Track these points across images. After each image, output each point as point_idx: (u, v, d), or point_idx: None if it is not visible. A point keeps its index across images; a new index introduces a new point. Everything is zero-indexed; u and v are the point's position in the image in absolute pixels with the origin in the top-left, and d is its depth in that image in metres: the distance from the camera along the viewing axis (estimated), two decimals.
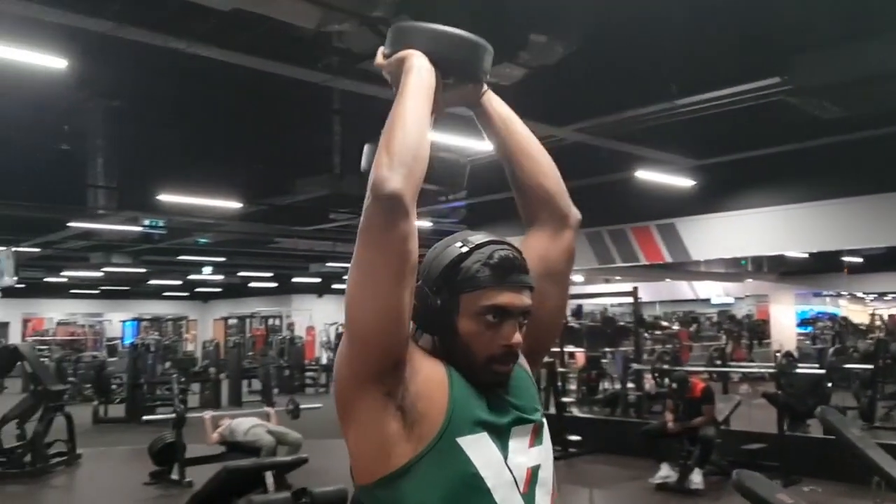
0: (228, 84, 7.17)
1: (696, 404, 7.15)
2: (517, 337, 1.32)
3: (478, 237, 1.36)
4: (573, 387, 12.04)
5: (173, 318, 25.27)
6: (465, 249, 1.33)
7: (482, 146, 7.48)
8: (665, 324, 16.16)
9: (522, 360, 1.43)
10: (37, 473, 8.18)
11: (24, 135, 8.63)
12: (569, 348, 13.62)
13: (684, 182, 8.22)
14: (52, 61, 4.59)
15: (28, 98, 7.34)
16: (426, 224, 12.29)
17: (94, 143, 9.28)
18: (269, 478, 4.42)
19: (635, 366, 9.85)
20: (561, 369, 10.03)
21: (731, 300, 20.77)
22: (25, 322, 25.75)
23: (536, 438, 1.36)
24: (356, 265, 1.25)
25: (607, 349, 12.22)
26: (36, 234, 12.62)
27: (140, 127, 9.09)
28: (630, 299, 11.98)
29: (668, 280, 16.48)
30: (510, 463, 1.29)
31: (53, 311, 26.36)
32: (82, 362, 15.13)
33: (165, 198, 9.05)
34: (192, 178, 8.67)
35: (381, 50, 1.46)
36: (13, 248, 12.66)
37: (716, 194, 8.40)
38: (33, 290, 22.98)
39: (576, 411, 10.69)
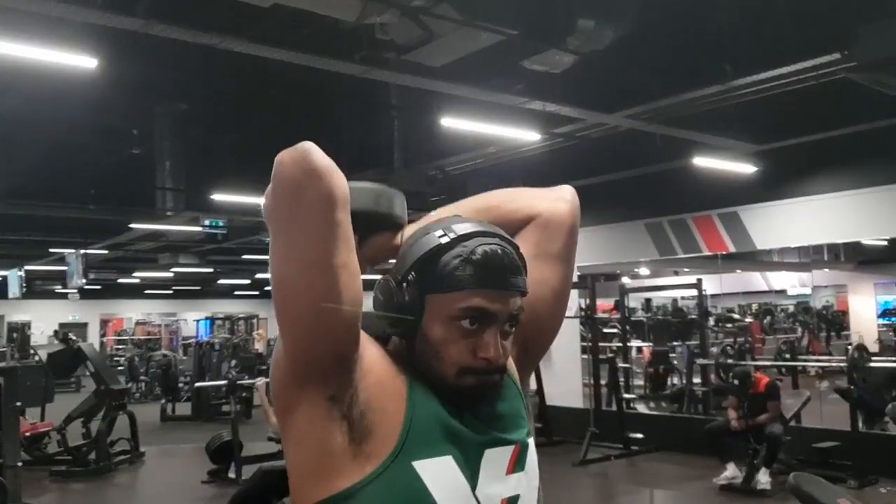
0: (285, 84, 7.22)
1: (761, 400, 6.81)
2: (499, 349, 1.10)
3: (464, 226, 1.13)
4: (640, 382, 11.75)
5: (245, 316, 25.73)
6: (445, 240, 1.11)
7: (529, 137, 7.31)
8: (736, 316, 15.57)
9: (511, 368, 1.23)
10: (100, 471, 8.37)
11: (94, 139, 8.89)
12: (635, 342, 13.32)
13: (746, 168, 7.85)
14: (82, 61, 4.60)
15: (98, 104, 7.56)
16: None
17: (161, 146, 9.46)
18: None
19: (699, 360, 9.51)
20: (623, 364, 9.75)
21: (808, 291, 19.96)
22: (104, 322, 26.68)
23: (518, 463, 1.15)
24: (275, 253, 1.05)
25: (675, 343, 11.82)
26: (104, 237, 13.00)
27: (204, 129, 9.27)
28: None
29: (738, 271, 15.89)
30: (480, 493, 1.09)
31: (131, 312, 27.25)
32: (153, 361, 15.50)
33: (220, 198, 9.16)
34: (250, 178, 8.75)
35: None
36: (82, 251, 13.06)
37: (780, 180, 8.00)
38: (109, 291, 23.84)
39: (642, 408, 10.41)
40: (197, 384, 12.16)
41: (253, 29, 5.36)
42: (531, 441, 1.19)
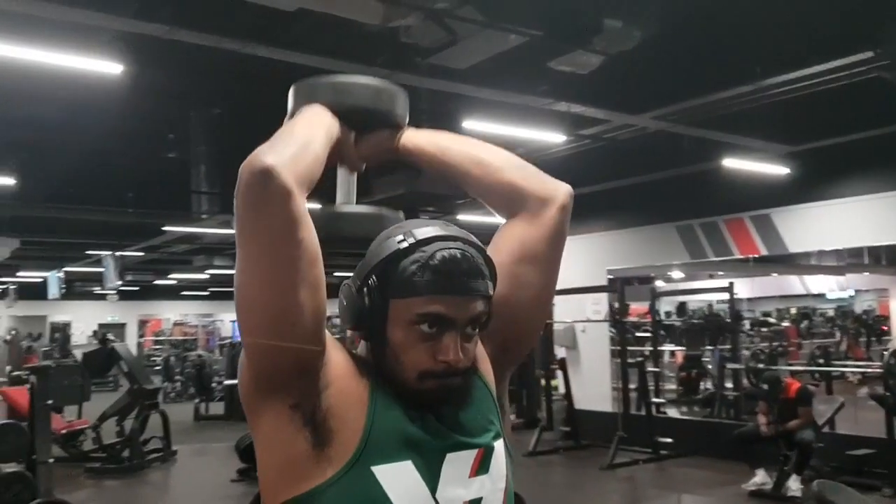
0: None
1: (792, 406, 6.69)
2: (456, 353, 1.09)
3: (425, 230, 1.13)
4: (671, 386, 11.63)
5: None
6: (404, 245, 1.11)
7: (554, 139, 7.27)
8: (772, 320, 15.34)
9: (484, 366, 1.23)
10: (133, 469, 8.52)
11: (131, 144, 9.06)
12: (668, 346, 13.17)
13: (778, 170, 7.73)
14: (108, 67, 4.70)
15: (135, 110, 7.72)
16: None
17: (196, 151, 9.60)
18: None
19: (730, 365, 9.38)
20: (653, 368, 9.65)
21: (847, 295, 19.57)
22: (142, 323, 27.15)
23: (481, 466, 1.14)
24: (238, 263, 1.07)
25: (708, 347, 11.66)
26: (139, 239, 13.23)
27: (238, 133, 9.37)
28: (736, 294, 11.48)
29: (774, 275, 15.66)
30: (440, 496, 1.09)
31: (168, 313, 27.67)
32: (188, 361, 15.73)
33: None
34: None
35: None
36: (117, 253, 13.30)
37: (814, 182, 7.85)
38: (147, 292, 24.26)
39: (674, 412, 10.30)
40: (227, 382, 12.31)
41: (277, 33, 5.42)
42: (498, 444, 1.18)
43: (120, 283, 13.36)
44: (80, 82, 5.78)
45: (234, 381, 12.11)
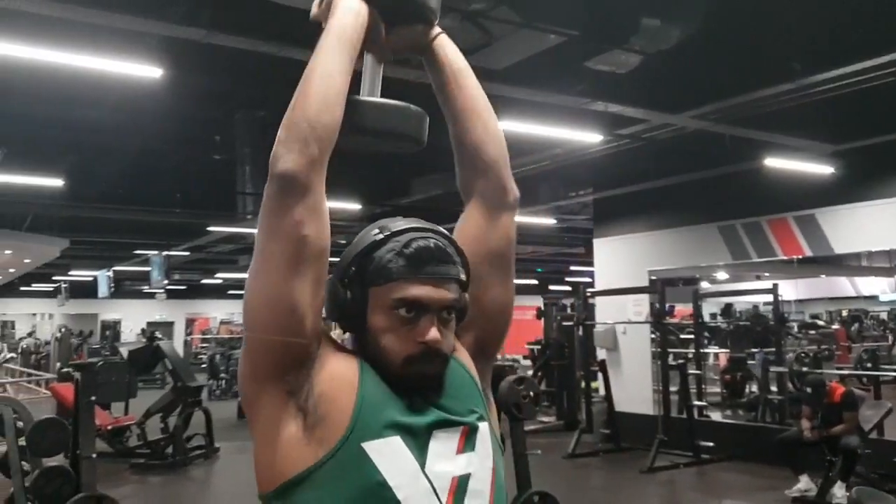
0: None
1: (836, 411, 6.53)
2: (434, 333, 1.16)
3: (398, 223, 1.22)
4: (715, 389, 11.45)
5: (324, 315, 26.28)
6: (379, 237, 1.20)
7: (590, 139, 7.22)
8: (821, 323, 14.99)
9: (464, 357, 1.29)
10: (177, 465, 8.68)
11: (178, 146, 9.25)
12: (712, 349, 12.96)
13: (822, 169, 7.55)
14: (148, 71, 4.81)
15: (182, 113, 7.89)
16: (550, 221, 12.07)
17: (241, 152, 9.76)
18: None
19: (773, 368, 9.20)
20: (694, 371, 9.51)
21: None
22: (189, 321, 27.66)
23: (467, 443, 1.19)
24: (254, 253, 1.15)
25: (754, 350, 11.45)
26: (185, 239, 13.49)
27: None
28: (785, 296, 11.27)
29: (823, 276, 15.31)
30: (428, 471, 1.13)
31: (215, 311, 28.17)
32: (233, 359, 15.97)
33: None
34: (327, 182, 8.93)
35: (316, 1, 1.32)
36: (164, 253, 13.57)
37: (860, 181, 7.65)
38: (194, 291, 24.72)
39: (716, 415, 10.14)
40: None
41: (314, 37, 5.46)
42: (483, 425, 1.22)
43: (166, 282, 13.63)
44: (127, 86, 5.93)
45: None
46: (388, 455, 1.11)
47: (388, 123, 1.31)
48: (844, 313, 19.82)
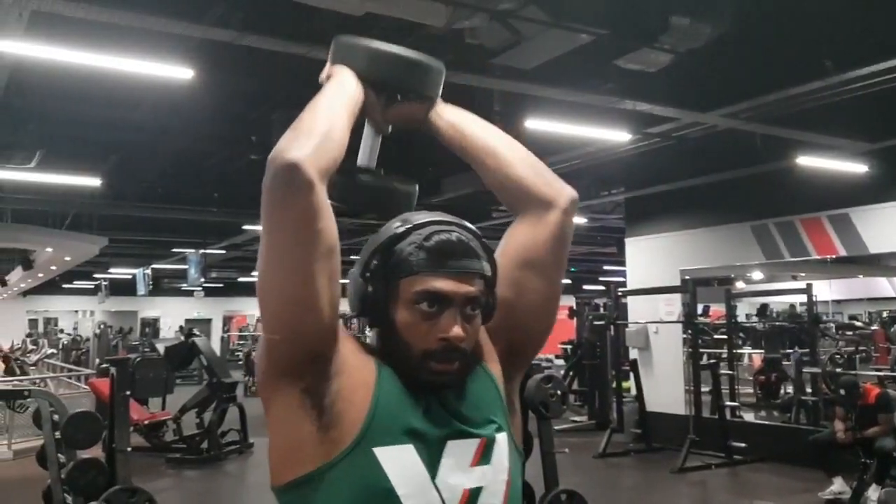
0: None
1: (871, 412, 6.43)
2: (456, 329, 1.14)
3: (420, 216, 1.20)
4: (748, 390, 11.33)
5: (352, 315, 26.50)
6: (400, 230, 1.18)
7: (619, 138, 7.20)
8: (858, 323, 14.71)
9: (494, 367, 1.27)
10: (211, 460, 8.85)
11: (215, 146, 9.42)
12: (746, 349, 12.83)
13: (856, 168, 7.44)
14: (179, 72, 4.92)
15: (219, 114, 8.03)
16: (582, 221, 12.04)
17: None
18: None
19: (807, 369, 9.08)
20: (726, 372, 9.43)
21: None
22: (227, 319, 28.03)
23: (483, 457, 1.18)
24: (261, 250, 1.13)
25: (789, 350, 11.31)
26: (222, 238, 13.70)
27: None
28: (821, 296, 11.08)
29: (860, 276, 15.04)
30: (439, 482, 1.13)
31: (252, 309, 28.47)
32: None
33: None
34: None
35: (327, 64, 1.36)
36: (201, 251, 13.79)
37: (895, 181, 7.54)
38: (231, 289, 25.05)
39: (749, 416, 10.04)
40: None
41: (327, 33, 5.53)
42: (500, 437, 1.21)
43: (203, 280, 13.85)
44: (164, 87, 6.07)
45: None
46: (399, 462, 1.11)
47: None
48: (885, 314, 19.41)
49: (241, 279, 22.71)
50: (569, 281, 22.08)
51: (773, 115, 6.51)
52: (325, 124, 1.17)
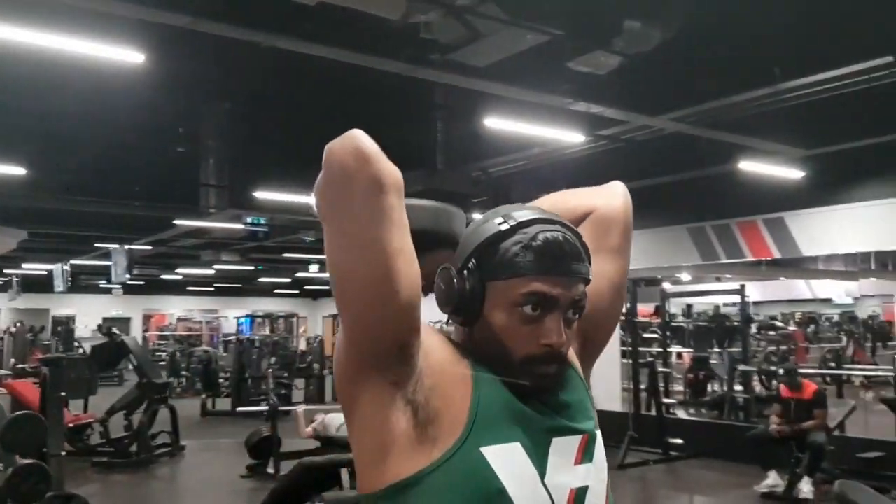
0: (329, 83, 7.26)
1: (807, 407, 6.70)
2: (560, 335, 1.09)
3: (524, 213, 1.14)
4: (679, 388, 11.62)
5: (284, 315, 26.02)
6: (504, 227, 1.12)
7: (573, 139, 7.27)
8: (780, 324, 15.34)
9: (576, 362, 1.24)
10: (141, 463, 8.51)
11: (141, 138, 9.05)
12: (675, 348, 13.16)
13: (793, 173, 7.72)
14: (130, 56, 4.69)
15: (145, 104, 7.71)
16: None
17: (206, 145, 9.59)
18: (345, 474, 4.36)
19: (741, 367, 9.37)
20: (663, 370, 9.65)
21: (851, 300, 19.59)
22: (146, 318, 27.15)
23: (585, 454, 1.13)
24: (331, 240, 1.05)
25: (716, 349, 11.66)
26: (148, 233, 13.22)
27: (248, 128, 9.39)
28: (738, 298, 11.45)
29: (782, 278, 15.68)
30: (548, 482, 1.07)
31: (173, 308, 27.71)
32: (194, 357, 15.73)
33: (262, 195, 9.25)
34: (293, 176, 8.83)
35: None
36: (126, 246, 13.28)
37: (829, 186, 7.85)
38: (152, 287, 24.26)
39: (681, 413, 10.29)
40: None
41: (299, 27, 5.41)
42: (599, 434, 1.17)
43: (128, 276, 13.33)
44: (95, 74, 5.77)
45: (242, 377, 12.16)
46: (509, 462, 1.05)
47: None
48: (798, 315, 20.32)
49: (163, 277, 22.01)
50: None
51: (719, 120, 6.68)
52: None
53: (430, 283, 1.21)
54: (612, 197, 1.36)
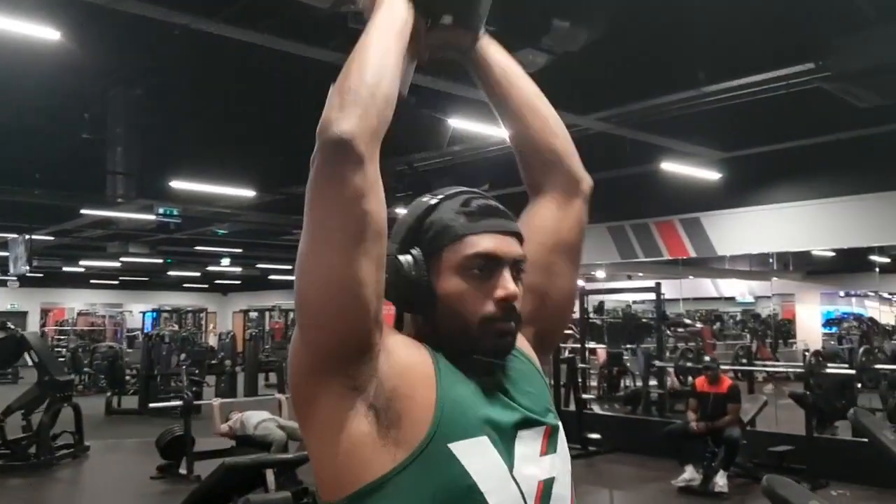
0: (247, 70, 7.02)
1: (722, 402, 6.90)
2: (513, 286, 1.09)
3: (448, 189, 1.18)
4: (594, 383, 11.84)
5: (192, 309, 25.26)
6: (433, 201, 1.15)
7: (501, 135, 7.25)
8: (688, 321, 15.85)
9: (529, 351, 1.22)
10: (41, 466, 8.06)
11: (45, 123, 8.55)
12: (590, 344, 13.41)
13: (710, 175, 7.95)
14: (44, 32, 4.41)
15: (50, 86, 7.28)
16: None
17: (114, 132, 9.16)
18: (270, 475, 4.22)
19: (657, 363, 9.59)
20: (582, 365, 9.78)
21: (752, 299, 20.44)
22: (45, 312, 25.87)
23: (549, 445, 1.11)
24: (305, 230, 1.03)
25: (629, 346, 11.94)
26: (51, 223, 12.55)
27: (160, 114, 9.00)
28: (652, 296, 11.75)
29: (690, 277, 16.20)
30: (517, 474, 1.05)
31: (74, 301, 26.48)
32: (98, 353, 15.06)
33: (178, 185, 8.90)
34: (208, 166, 8.53)
35: None
36: (27, 236, 12.57)
37: (743, 188, 8.13)
38: (52, 279, 23.06)
39: (597, 409, 10.47)
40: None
41: (222, 10, 5.20)
42: (560, 425, 1.16)
43: (28, 268, 12.62)
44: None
45: (151, 373, 11.70)
46: (478, 457, 1.02)
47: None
48: (701, 313, 21.06)
49: (64, 269, 20.97)
50: None
51: (643, 121, 6.78)
52: (375, 74, 1.07)
53: None
54: (578, 188, 1.34)
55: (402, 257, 1.11)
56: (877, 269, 12.24)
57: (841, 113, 6.03)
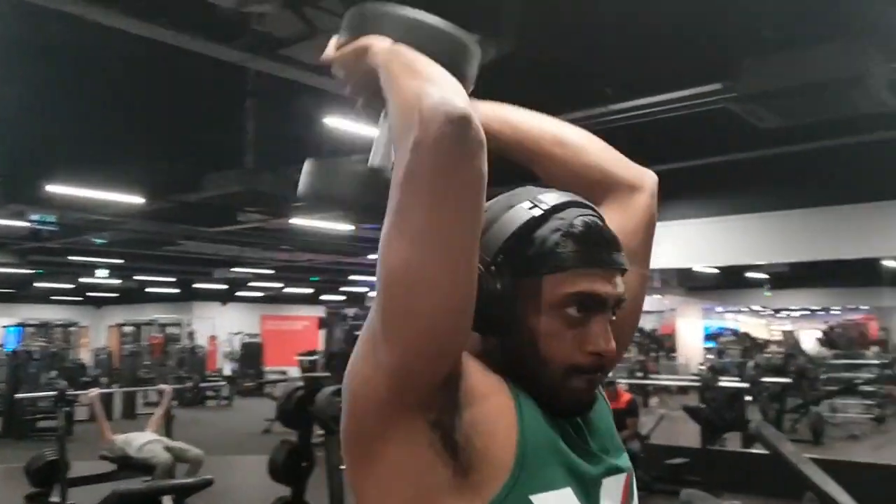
0: (133, 65, 6.59)
1: (621, 416, 6.98)
2: (611, 340, 0.94)
3: (552, 196, 0.98)
4: None
5: (62, 324, 23.72)
6: (537, 212, 0.95)
7: None
8: None
9: None
10: None
11: None
12: None
13: None
14: None
15: None
16: (349, 228, 11.81)
17: None
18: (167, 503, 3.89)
19: None
20: None
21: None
22: None
23: (629, 493, 0.99)
24: (412, 234, 0.83)
25: None
26: None
27: (34, 112, 8.35)
28: None
29: None
30: None
31: None
32: None
33: (55, 189, 8.27)
34: (89, 170, 7.98)
35: (333, 40, 1.08)
36: None
37: None
38: None
39: None
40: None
41: (120, 2, 4.86)
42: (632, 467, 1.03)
43: None
44: None
45: (23, 395, 10.85)
46: None
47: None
48: None
49: None
50: (311, 290, 21.63)
51: None
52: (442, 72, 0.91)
53: None
54: (638, 190, 1.19)
55: (489, 275, 0.92)
56: (765, 286, 12.92)
57: (741, 133, 6.23)
